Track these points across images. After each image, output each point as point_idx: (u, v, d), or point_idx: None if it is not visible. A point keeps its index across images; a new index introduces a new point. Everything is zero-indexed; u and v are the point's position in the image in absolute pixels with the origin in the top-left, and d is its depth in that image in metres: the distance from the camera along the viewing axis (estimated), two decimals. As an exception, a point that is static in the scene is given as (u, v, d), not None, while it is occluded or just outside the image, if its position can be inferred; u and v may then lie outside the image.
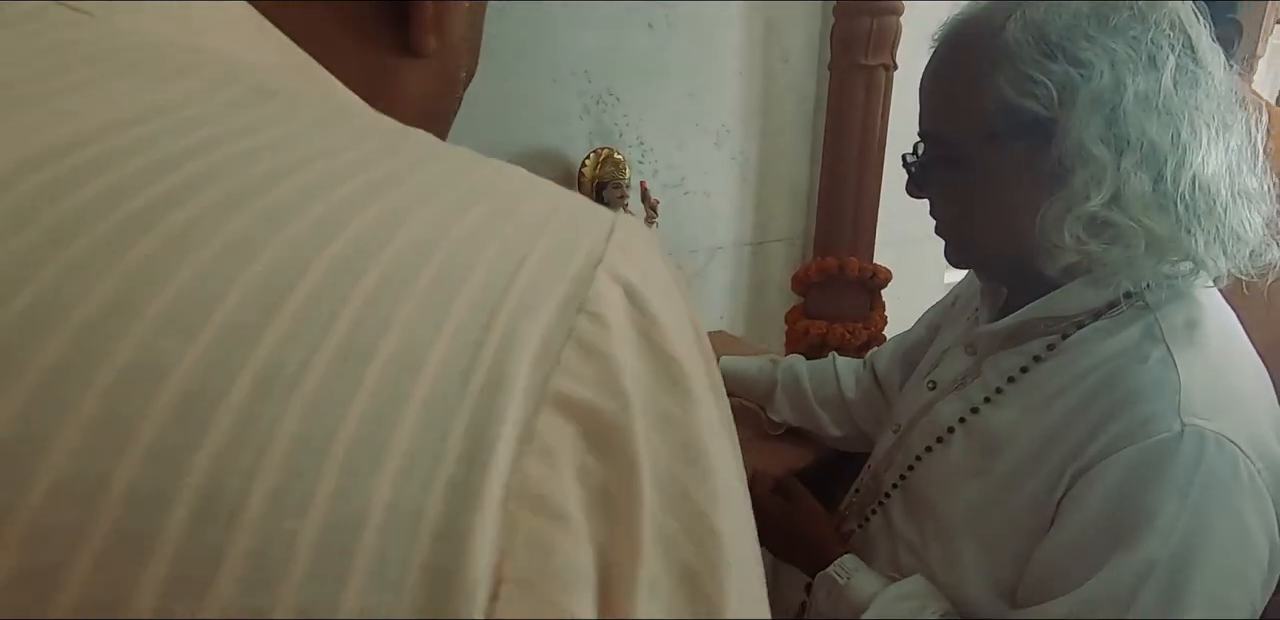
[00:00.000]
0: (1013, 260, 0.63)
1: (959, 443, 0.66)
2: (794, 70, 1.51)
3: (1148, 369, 0.55)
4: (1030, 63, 0.55)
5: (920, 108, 0.65)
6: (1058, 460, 0.56)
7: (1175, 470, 0.51)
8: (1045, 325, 0.63)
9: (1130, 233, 0.54)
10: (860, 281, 1.09)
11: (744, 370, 1.02)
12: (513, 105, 1.14)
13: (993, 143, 0.59)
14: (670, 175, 1.39)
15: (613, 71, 1.24)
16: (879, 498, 0.75)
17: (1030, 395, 0.61)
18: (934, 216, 0.68)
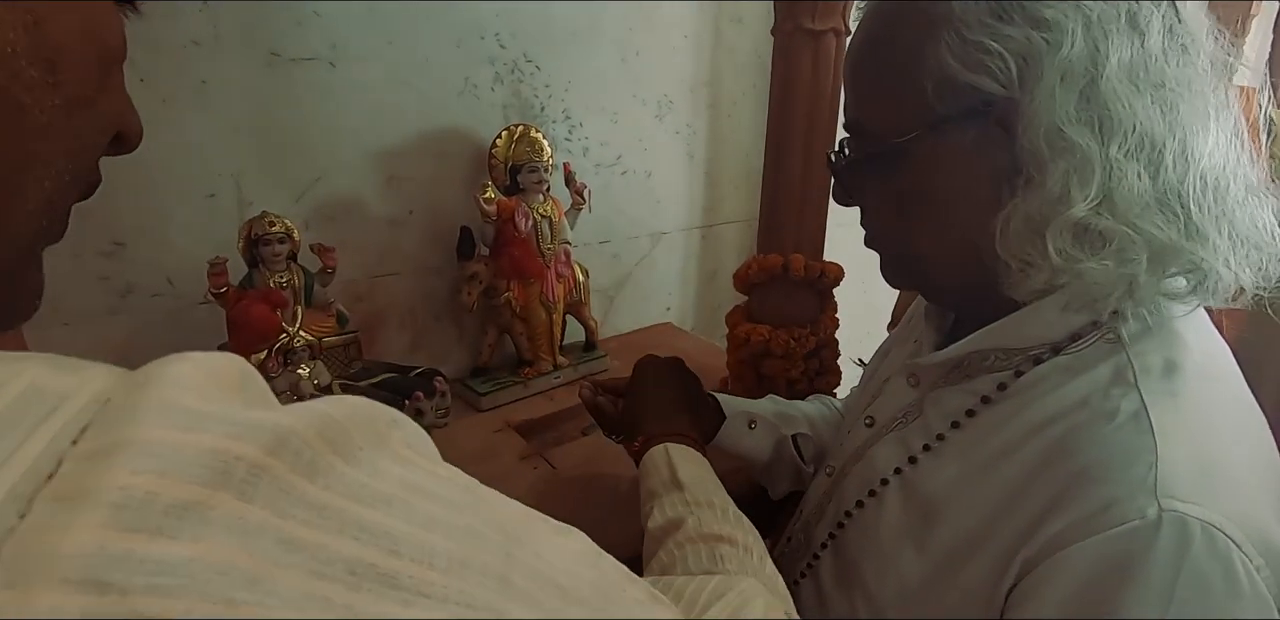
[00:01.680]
0: (960, 280, 0.52)
1: (893, 499, 0.55)
2: (749, 31, 1.34)
3: (1116, 430, 0.43)
4: (979, 27, 0.44)
5: (845, 95, 0.54)
6: (1004, 541, 0.45)
7: (1151, 570, 0.39)
8: (996, 358, 0.51)
9: (1127, 242, 0.43)
10: (807, 282, 0.95)
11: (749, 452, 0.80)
12: (407, 74, 0.98)
13: (935, 132, 0.47)
14: (604, 153, 1.23)
15: (531, 34, 1.07)
16: (810, 555, 0.64)
17: (975, 449, 0.50)
18: (864, 226, 0.56)
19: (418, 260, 1.07)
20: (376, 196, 1.00)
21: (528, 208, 1.03)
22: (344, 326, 0.82)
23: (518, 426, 1.02)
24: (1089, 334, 0.48)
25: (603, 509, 0.84)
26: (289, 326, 0.77)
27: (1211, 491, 0.41)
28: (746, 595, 0.41)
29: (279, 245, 0.77)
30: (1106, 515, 0.41)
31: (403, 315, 1.08)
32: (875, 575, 0.54)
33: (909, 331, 0.69)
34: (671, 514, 0.57)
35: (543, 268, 1.06)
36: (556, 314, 1.12)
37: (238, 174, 0.89)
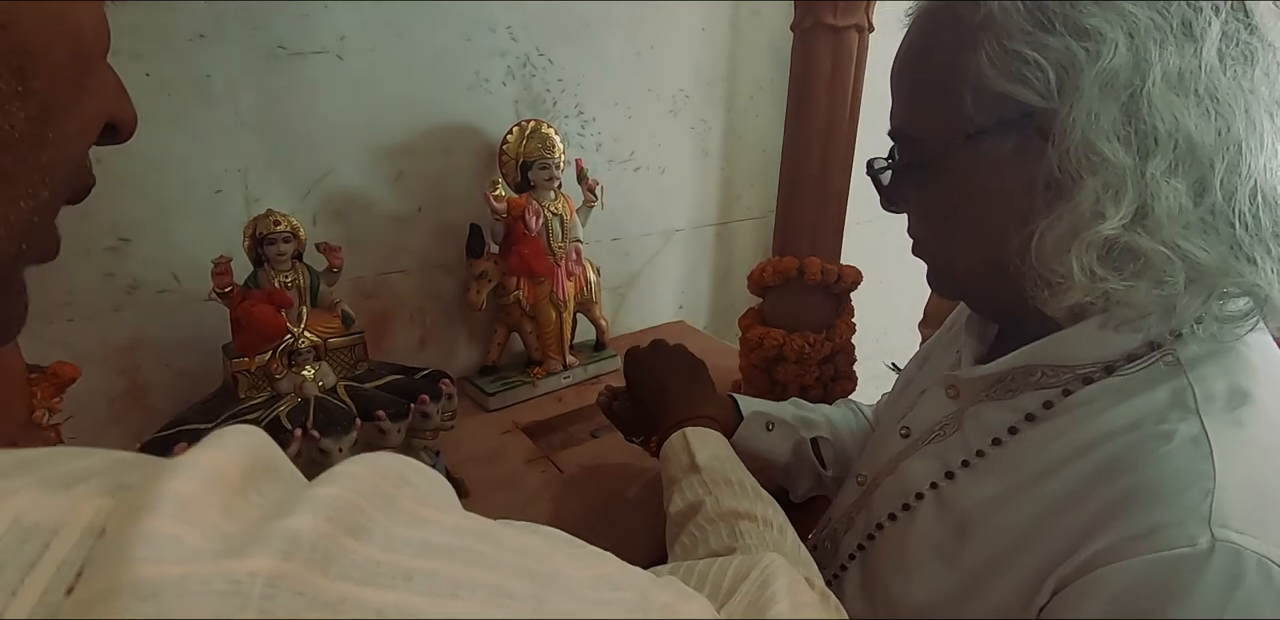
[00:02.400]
0: (1004, 291, 0.49)
1: (927, 514, 0.54)
2: (766, 24, 1.31)
3: (1172, 452, 0.41)
4: (1019, 36, 0.42)
5: (893, 100, 0.52)
6: (1040, 559, 0.43)
7: (1196, 600, 0.37)
8: (1043, 374, 0.50)
9: (1164, 263, 0.41)
10: (823, 286, 0.93)
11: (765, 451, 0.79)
12: (416, 68, 0.95)
13: (973, 142, 0.46)
14: (617, 149, 1.21)
15: (543, 27, 1.05)
16: (837, 566, 0.63)
17: (1016, 467, 0.48)
18: (910, 235, 0.56)
19: (426, 257, 1.06)
20: (385, 193, 0.99)
21: (538, 205, 1.01)
22: (349, 327, 0.80)
23: (526, 428, 1.01)
24: (1145, 355, 0.46)
25: (608, 513, 0.83)
26: (294, 327, 0.76)
27: (1272, 526, 0.39)
28: (769, 572, 0.40)
29: (284, 244, 0.75)
30: (1152, 538, 0.39)
31: (411, 313, 1.07)
32: (902, 589, 0.53)
33: (950, 340, 0.67)
34: (690, 497, 0.59)
35: (552, 266, 1.04)
36: (567, 313, 1.10)
37: (244, 170, 0.87)
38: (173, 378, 0.89)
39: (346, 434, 0.72)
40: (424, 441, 0.81)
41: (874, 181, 0.57)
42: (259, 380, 0.75)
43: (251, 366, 0.74)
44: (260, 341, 0.73)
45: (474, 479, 0.88)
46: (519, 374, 1.09)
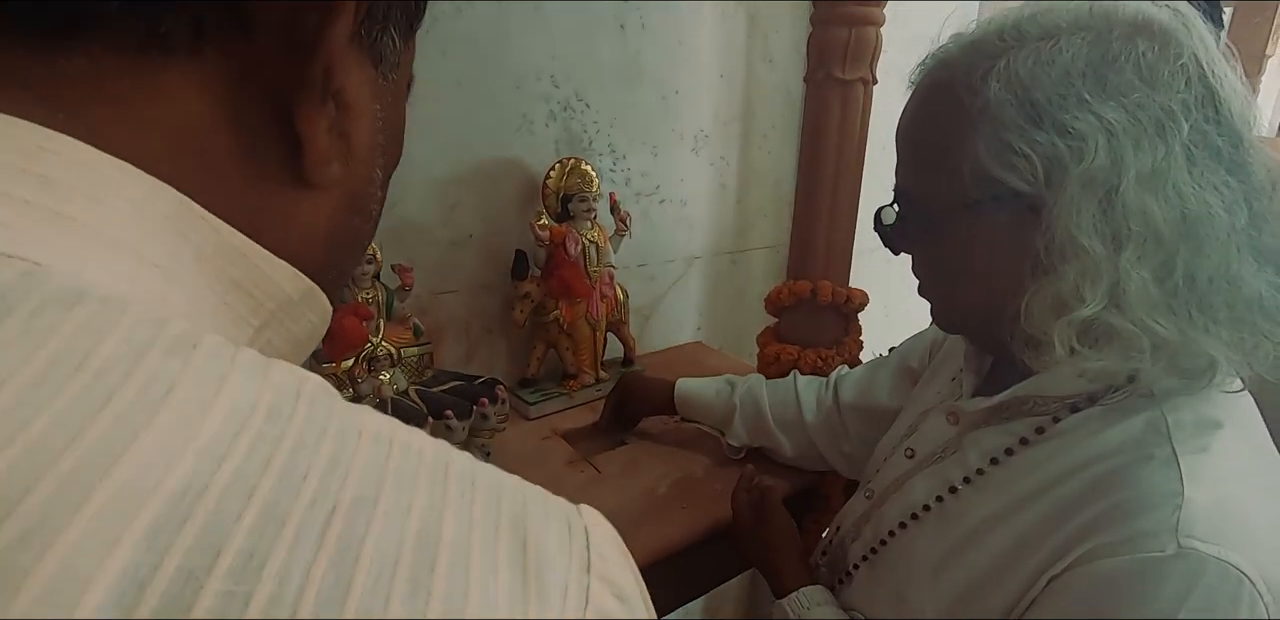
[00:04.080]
0: (998, 337, 0.55)
1: (931, 526, 0.61)
2: (779, 71, 1.44)
3: (1147, 474, 0.48)
4: (1012, 129, 0.48)
5: (897, 158, 0.59)
6: (1036, 563, 0.50)
7: (1161, 597, 0.44)
8: (1035, 403, 0.57)
9: (1133, 338, 0.47)
10: (834, 306, 1.04)
11: (701, 395, 1.00)
12: (472, 112, 1.08)
13: (971, 211, 0.52)
14: (644, 183, 1.33)
15: (581, 75, 1.18)
16: (844, 571, 0.71)
17: (1013, 484, 0.55)
18: (915, 275, 0.62)
19: (474, 279, 1.17)
20: (441, 221, 1.11)
21: (577, 233, 1.13)
22: (419, 338, 0.92)
23: (564, 434, 1.11)
24: (1124, 387, 0.52)
25: (641, 508, 0.93)
26: (373, 337, 0.87)
27: (1229, 537, 0.45)
28: None
29: (366, 266, 0.87)
30: (1129, 545, 0.45)
31: (459, 329, 1.18)
32: (915, 594, 0.60)
33: (947, 365, 0.75)
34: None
35: (589, 288, 1.15)
36: (600, 331, 1.21)
37: (324, 200, 0.99)
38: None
39: (420, 429, 0.82)
40: (481, 439, 0.91)
41: (879, 230, 0.63)
42: (343, 383, 0.86)
43: (339, 371, 0.85)
44: (347, 349, 0.84)
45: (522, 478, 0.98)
46: (556, 386, 1.20)
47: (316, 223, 0.29)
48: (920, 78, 0.56)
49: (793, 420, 0.95)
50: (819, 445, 0.93)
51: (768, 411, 0.95)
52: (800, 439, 0.95)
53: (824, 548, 0.78)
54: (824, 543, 0.79)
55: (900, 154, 0.58)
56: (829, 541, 0.77)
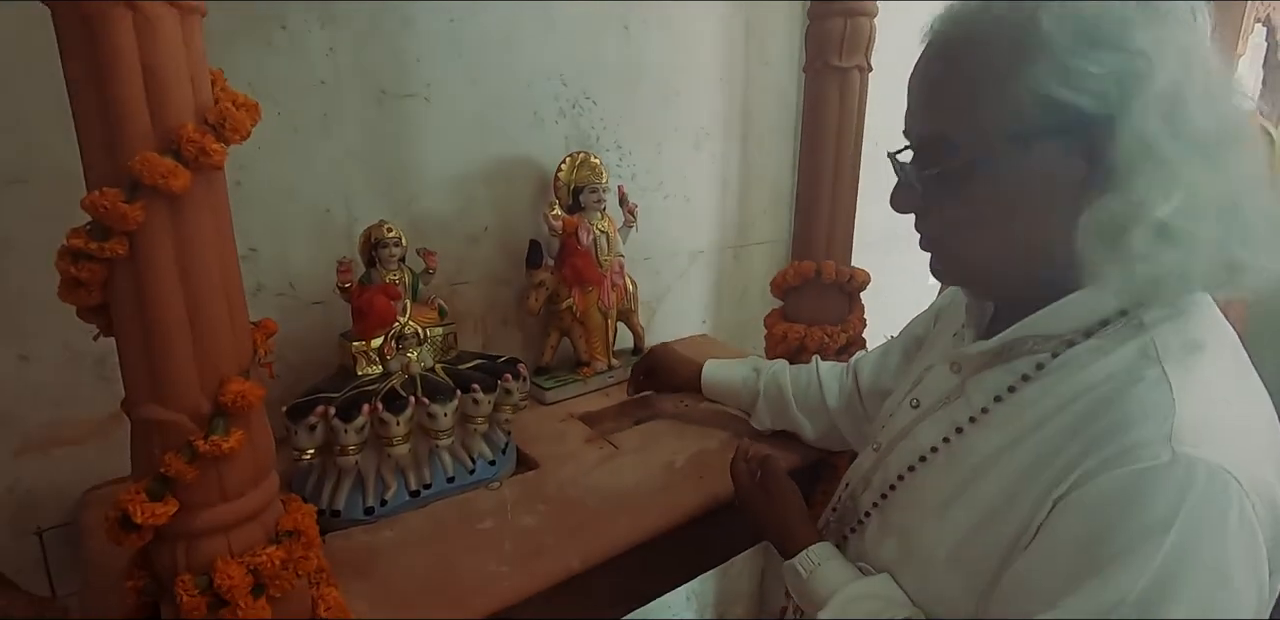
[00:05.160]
0: (1016, 275, 0.58)
1: (940, 465, 0.64)
2: (775, 72, 1.51)
3: (1140, 392, 0.51)
4: (1075, 53, 0.50)
5: (914, 109, 0.59)
6: (1042, 487, 0.52)
7: (1160, 501, 0.47)
8: (1034, 343, 0.59)
9: (1200, 241, 0.50)
10: (837, 285, 1.08)
11: (728, 379, 1.04)
12: (486, 109, 1.14)
13: (1021, 145, 0.53)
14: (649, 179, 1.38)
15: (589, 75, 1.24)
16: (856, 518, 0.73)
17: (1016, 417, 0.58)
18: (923, 230, 0.62)
19: (489, 271, 1.21)
20: (459, 214, 1.15)
21: (589, 224, 1.18)
22: (444, 318, 0.96)
23: (581, 417, 1.15)
24: (1116, 321, 0.55)
25: (661, 481, 0.96)
26: (400, 317, 0.91)
27: (1220, 442, 0.49)
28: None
29: (394, 248, 0.91)
30: (1128, 456, 0.48)
31: (476, 319, 1.22)
32: (922, 527, 0.62)
33: (942, 326, 0.79)
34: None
35: (601, 276, 1.20)
36: (611, 319, 1.25)
37: (348, 193, 1.04)
38: (284, 370, 1.03)
39: (450, 401, 0.86)
40: (504, 415, 0.95)
41: (902, 185, 0.61)
42: (372, 360, 0.90)
43: (368, 348, 0.89)
44: (377, 326, 0.88)
45: (542, 455, 1.02)
46: (570, 373, 1.24)
47: None
48: (944, 26, 0.57)
49: (816, 406, 0.98)
50: (842, 429, 0.97)
51: (791, 398, 0.99)
52: (822, 423, 0.99)
53: (834, 505, 0.80)
54: (834, 501, 0.81)
55: (927, 99, 0.58)
56: (839, 498, 0.79)
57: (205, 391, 0.57)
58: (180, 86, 0.51)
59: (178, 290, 0.54)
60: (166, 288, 0.53)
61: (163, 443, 0.56)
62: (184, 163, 0.51)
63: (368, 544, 0.81)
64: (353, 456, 0.82)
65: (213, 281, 0.56)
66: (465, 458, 0.93)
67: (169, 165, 0.50)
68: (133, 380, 0.56)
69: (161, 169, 0.50)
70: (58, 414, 0.89)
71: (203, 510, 0.58)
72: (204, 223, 0.54)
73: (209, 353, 0.56)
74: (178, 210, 0.53)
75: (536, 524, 0.86)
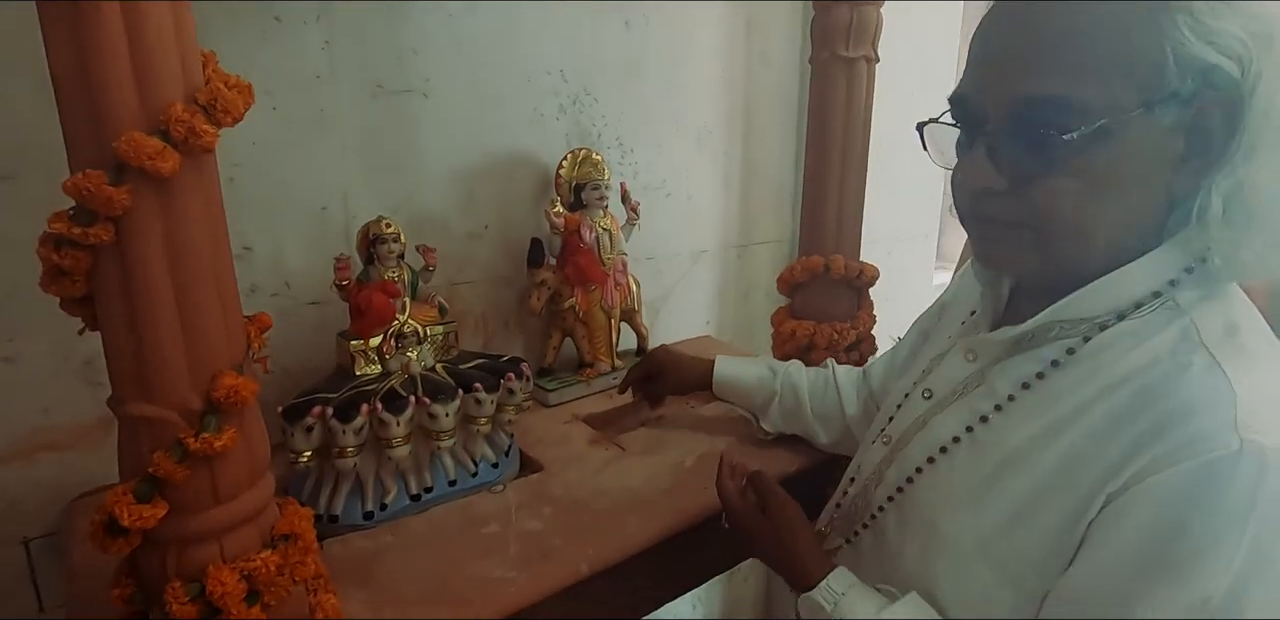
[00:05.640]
0: (1108, 255, 0.54)
1: (964, 456, 0.61)
2: (776, 70, 1.49)
3: (1193, 378, 0.49)
4: (1212, 10, 0.47)
5: (1014, 68, 0.51)
6: (1089, 480, 0.50)
7: (1234, 493, 0.45)
8: (1061, 328, 0.57)
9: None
10: (846, 281, 1.06)
11: (743, 380, 1.00)
12: (485, 104, 1.11)
13: (1153, 109, 0.49)
14: (651, 177, 1.36)
15: (589, 71, 1.22)
16: (869, 514, 0.70)
17: (1051, 405, 0.55)
18: (1005, 209, 0.54)
19: (490, 270, 1.19)
20: (458, 212, 1.13)
21: (591, 221, 1.15)
22: (444, 316, 0.93)
23: (585, 419, 1.12)
24: (1149, 302, 0.54)
25: (669, 482, 0.93)
26: (399, 315, 0.88)
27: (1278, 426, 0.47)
28: None
29: (393, 244, 0.89)
30: (1193, 447, 0.46)
31: (476, 320, 1.19)
32: (950, 521, 0.59)
33: (951, 315, 0.76)
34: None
35: (604, 274, 1.17)
36: (614, 319, 1.23)
37: (345, 189, 1.01)
38: (279, 373, 1.00)
39: (452, 401, 0.83)
40: (507, 416, 0.92)
41: (998, 150, 0.53)
42: (371, 359, 0.87)
43: (367, 348, 0.86)
44: (376, 324, 0.85)
45: (547, 457, 0.99)
46: (572, 375, 1.21)
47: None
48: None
49: (832, 412, 0.95)
50: (858, 435, 0.92)
51: (807, 401, 0.96)
52: (836, 429, 0.96)
53: (837, 501, 0.76)
54: (837, 497, 0.77)
55: (1043, 56, 0.50)
56: (843, 494, 0.76)
57: (196, 387, 0.54)
58: (169, 64, 0.49)
59: (166, 279, 0.51)
60: (155, 276, 0.51)
61: (151, 441, 0.53)
62: (173, 144, 0.49)
63: (367, 549, 0.78)
64: (351, 459, 0.79)
65: (204, 270, 0.53)
66: (467, 460, 0.90)
67: (156, 146, 0.47)
68: (119, 375, 0.53)
69: (149, 150, 0.47)
70: (45, 419, 0.86)
71: (194, 513, 0.55)
72: (194, 208, 0.52)
73: (200, 346, 0.53)
74: (166, 194, 0.50)
75: (542, 527, 0.83)
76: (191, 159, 0.50)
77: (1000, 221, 0.55)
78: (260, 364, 0.62)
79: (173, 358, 0.52)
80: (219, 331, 0.55)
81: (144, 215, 0.49)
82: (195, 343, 0.53)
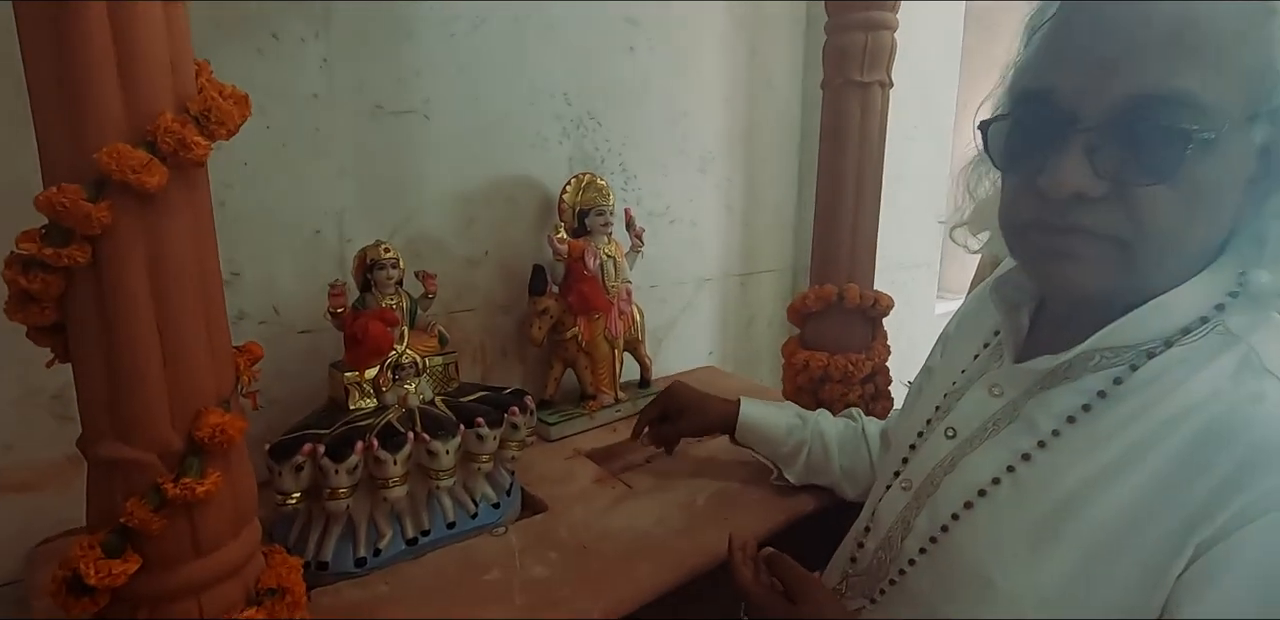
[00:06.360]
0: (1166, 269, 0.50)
1: (1008, 499, 0.56)
2: (778, 95, 1.47)
3: (1271, 411, 0.46)
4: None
5: (1110, 65, 0.46)
6: (1168, 529, 0.46)
7: None
8: (1102, 358, 0.54)
9: None
10: (861, 310, 1.02)
11: (771, 427, 0.92)
12: (487, 127, 1.08)
13: (1249, 120, 0.46)
14: (655, 203, 1.33)
15: (593, 95, 1.19)
16: (897, 568, 0.63)
17: (1103, 441, 0.51)
18: (1096, 219, 0.48)
19: (490, 298, 1.14)
20: (458, 237, 1.08)
21: (595, 248, 1.11)
22: (444, 346, 0.88)
23: (588, 454, 1.06)
24: (1198, 328, 0.51)
25: (682, 523, 0.87)
26: (397, 345, 0.83)
27: None
28: None
29: (392, 270, 0.84)
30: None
31: (474, 350, 1.14)
32: (1008, 573, 0.53)
33: (961, 346, 0.72)
34: None
35: (609, 303, 1.13)
36: (618, 349, 1.18)
37: (340, 213, 0.97)
38: (268, 406, 0.94)
39: (452, 437, 0.78)
40: (510, 452, 0.86)
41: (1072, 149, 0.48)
42: (367, 392, 0.82)
43: (362, 379, 0.81)
44: (373, 354, 0.80)
45: (551, 495, 0.93)
46: (574, 407, 1.16)
47: None
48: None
49: (860, 467, 0.90)
50: None
51: (835, 456, 0.90)
52: (862, 485, 0.89)
53: (851, 554, 0.70)
54: (849, 550, 0.71)
55: (1165, 47, 0.45)
56: (857, 546, 0.69)
57: (177, 425, 0.48)
58: (159, 70, 0.45)
59: (149, 306, 0.46)
60: (136, 303, 0.46)
61: (125, 486, 0.48)
62: (160, 157, 0.44)
63: (360, 601, 0.72)
64: (343, 501, 0.73)
65: (191, 296, 0.48)
66: (467, 500, 0.84)
67: (142, 158, 0.43)
68: (91, 412, 0.47)
69: (133, 162, 0.43)
70: (9, 457, 0.80)
71: (171, 567, 0.50)
72: (182, 228, 0.47)
73: (183, 380, 0.48)
74: (151, 212, 0.45)
75: (548, 574, 0.77)
76: (180, 174, 0.46)
77: (1085, 232, 0.49)
78: (250, 399, 0.57)
79: (153, 393, 0.47)
80: (205, 364, 0.50)
81: (125, 235, 0.45)
82: (178, 376, 0.48)
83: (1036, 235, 0.52)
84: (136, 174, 0.43)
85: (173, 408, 0.48)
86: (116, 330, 0.45)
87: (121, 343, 0.46)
